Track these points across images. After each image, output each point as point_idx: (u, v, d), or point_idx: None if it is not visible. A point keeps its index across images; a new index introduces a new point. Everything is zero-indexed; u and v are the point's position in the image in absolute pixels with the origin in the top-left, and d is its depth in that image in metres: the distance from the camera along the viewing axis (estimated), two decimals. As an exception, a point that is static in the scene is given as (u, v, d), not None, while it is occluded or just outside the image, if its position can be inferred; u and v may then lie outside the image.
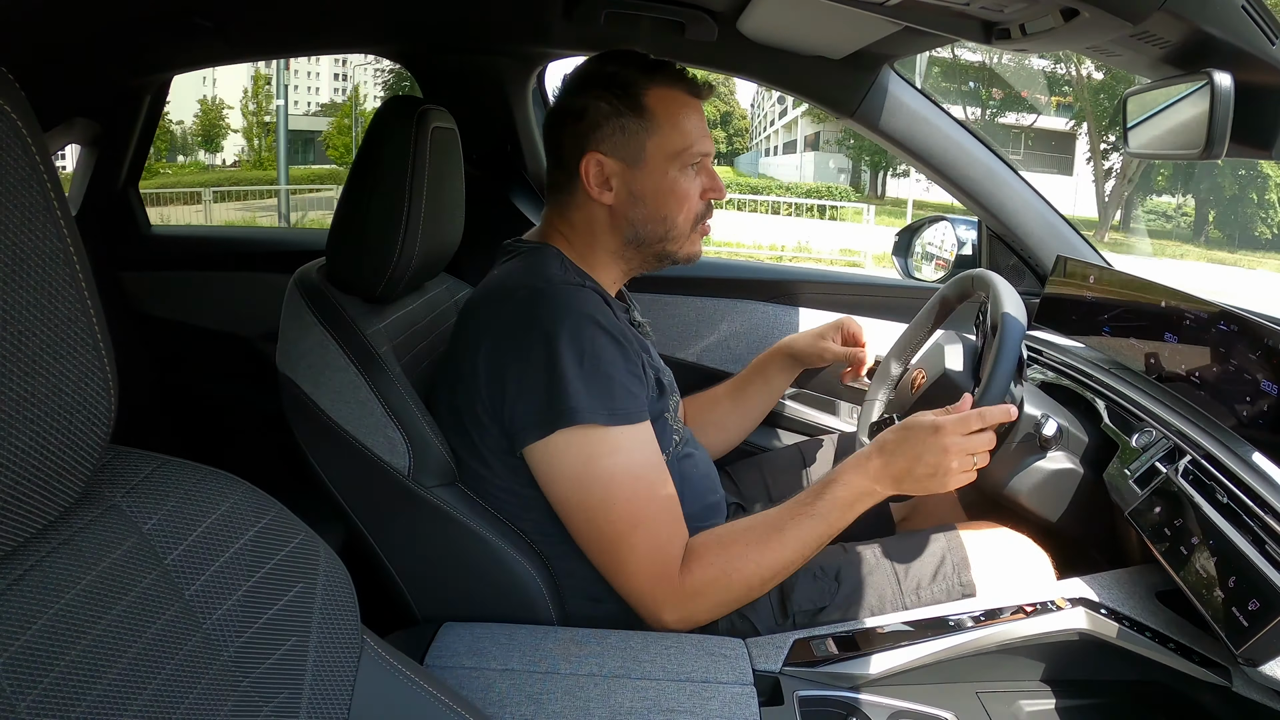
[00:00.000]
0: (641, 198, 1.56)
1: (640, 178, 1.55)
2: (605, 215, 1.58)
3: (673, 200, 1.57)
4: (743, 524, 1.48)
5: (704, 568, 1.42)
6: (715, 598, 1.44)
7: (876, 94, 2.28)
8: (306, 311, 1.52)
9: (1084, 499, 1.71)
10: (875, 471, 1.47)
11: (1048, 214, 2.35)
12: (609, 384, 1.40)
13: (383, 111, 1.60)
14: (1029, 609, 1.48)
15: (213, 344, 2.86)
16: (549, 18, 2.19)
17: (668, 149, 1.55)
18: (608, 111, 1.53)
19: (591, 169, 1.54)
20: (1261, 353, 1.36)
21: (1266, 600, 1.16)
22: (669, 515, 1.45)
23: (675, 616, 1.44)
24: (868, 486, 1.47)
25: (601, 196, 1.55)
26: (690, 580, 1.42)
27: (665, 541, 1.43)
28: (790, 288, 2.69)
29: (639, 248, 1.60)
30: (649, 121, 1.53)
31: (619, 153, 1.54)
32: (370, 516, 1.55)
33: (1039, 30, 1.33)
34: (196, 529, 0.79)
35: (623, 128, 1.53)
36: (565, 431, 1.38)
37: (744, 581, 1.43)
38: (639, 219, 1.57)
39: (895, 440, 1.48)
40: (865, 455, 1.50)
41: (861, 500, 1.47)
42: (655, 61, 1.56)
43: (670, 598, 1.42)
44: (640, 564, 1.42)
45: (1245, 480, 1.33)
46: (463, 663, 1.32)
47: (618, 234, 1.59)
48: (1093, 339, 1.92)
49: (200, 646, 0.77)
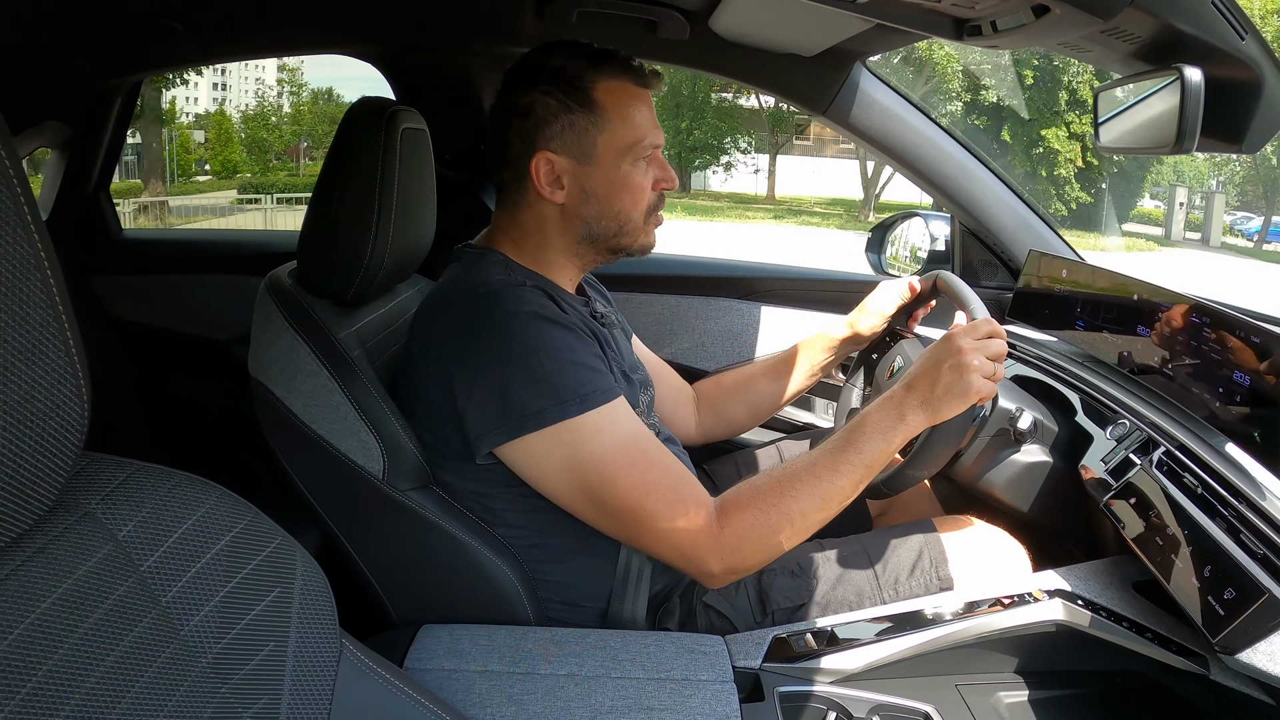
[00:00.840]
0: (594, 194, 1.53)
1: (592, 174, 1.52)
2: (557, 214, 1.56)
3: (626, 195, 1.54)
4: (777, 470, 1.46)
5: (742, 515, 1.39)
6: (758, 543, 1.40)
7: (849, 91, 2.28)
8: (278, 315, 1.51)
9: (1059, 491, 1.72)
10: (901, 400, 1.46)
11: (1020, 209, 2.36)
12: (572, 371, 1.39)
13: (353, 112, 1.58)
14: (1006, 601, 1.49)
15: (186, 348, 2.83)
16: (521, 17, 2.19)
17: (619, 143, 1.52)
18: (556, 108, 1.49)
19: (542, 168, 1.51)
20: (1233, 344, 1.37)
21: (1242, 589, 1.18)
22: (677, 472, 1.43)
23: (721, 567, 1.40)
24: (897, 415, 1.45)
25: (553, 196, 1.53)
26: (730, 530, 1.39)
27: (685, 498, 1.40)
28: (764, 285, 2.70)
29: (592, 244, 1.58)
30: (599, 116, 1.50)
31: (569, 150, 1.51)
32: (346, 520, 1.54)
33: (1010, 27, 1.34)
34: (172, 535, 0.79)
35: (572, 124, 1.50)
36: (538, 434, 1.37)
37: (786, 524, 1.40)
38: (592, 216, 1.55)
39: (913, 369, 1.48)
40: (889, 392, 1.49)
41: (896, 431, 1.44)
42: (602, 52, 1.53)
43: (712, 550, 1.39)
44: (668, 527, 1.39)
45: (1219, 470, 1.35)
46: (442, 665, 1.32)
47: (570, 232, 1.57)
48: (1066, 333, 1.93)
49: (178, 653, 0.77)
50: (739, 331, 2.61)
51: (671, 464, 1.43)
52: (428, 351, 1.45)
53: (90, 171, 2.82)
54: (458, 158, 2.45)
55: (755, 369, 2.08)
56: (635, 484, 1.39)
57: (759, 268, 2.83)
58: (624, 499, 1.39)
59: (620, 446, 1.39)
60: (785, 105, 17.96)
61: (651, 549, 1.44)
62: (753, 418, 2.08)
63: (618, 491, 1.39)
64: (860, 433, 1.45)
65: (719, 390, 2.09)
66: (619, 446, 1.39)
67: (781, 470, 1.45)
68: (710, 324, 2.63)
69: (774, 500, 1.40)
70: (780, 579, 1.61)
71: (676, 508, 1.39)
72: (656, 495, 1.39)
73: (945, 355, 1.45)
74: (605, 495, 1.40)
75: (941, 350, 1.46)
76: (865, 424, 1.46)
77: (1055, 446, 1.74)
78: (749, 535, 1.39)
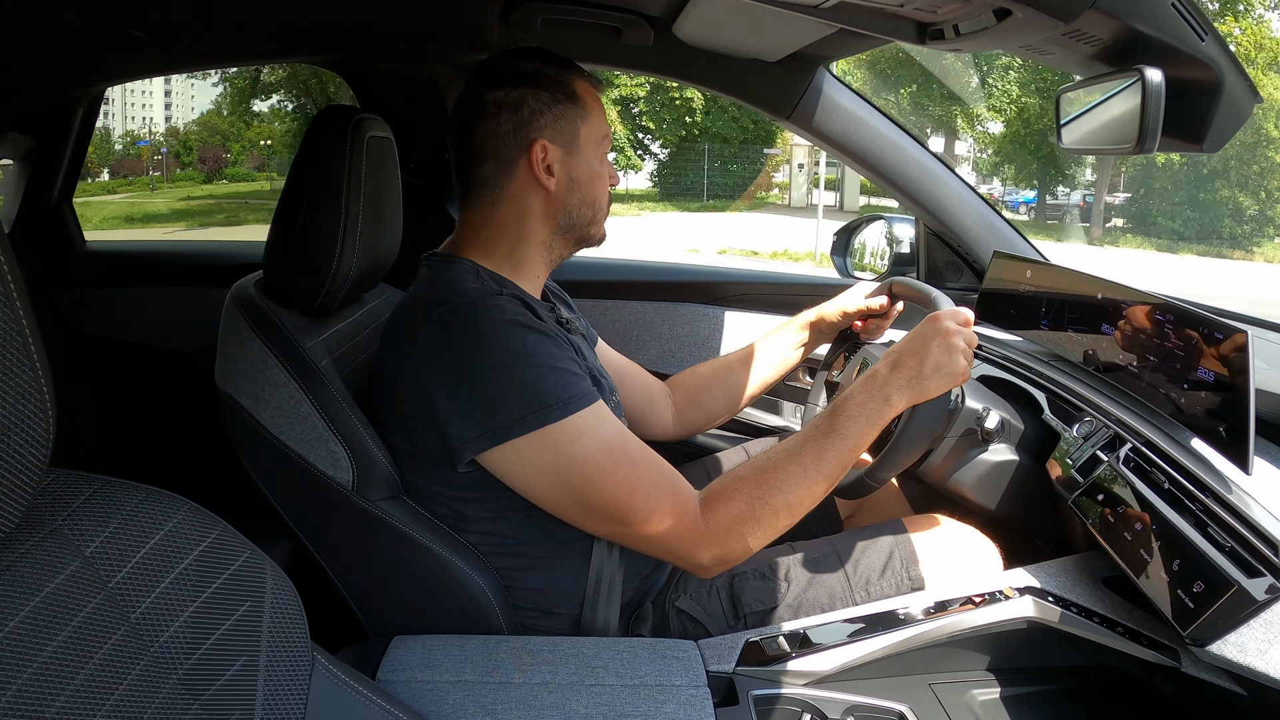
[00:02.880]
0: (578, 182, 1.57)
1: (577, 163, 1.57)
2: (541, 203, 1.57)
3: (599, 184, 1.61)
4: (760, 458, 1.46)
5: (727, 505, 1.40)
6: (746, 532, 1.40)
7: (812, 95, 2.30)
8: (244, 326, 1.50)
9: (1027, 489, 1.74)
10: (886, 380, 1.47)
11: (984, 211, 2.38)
12: (553, 376, 1.39)
13: (318, 121, 1.57)
14: (978, 600, 1.50)
15: (152, 361, 2.81)
16: (486, 24, 2.18)
17: (596, 135, 1.59)
18: (548, 100, 1.53)
19: (537, 155, 1.53)
20: (1197, 341, 1.39)
21: (1210, 582, 1.19)
22: (660, 470, 1.43)
23: (711, 558, 1.40)
24: (881, 396, 1.46)
25: (547, 182, 1.55)
26: (716, 520, 1.39)
27: (669, 493, 1.41)
28: (730, 289, 2.71)
29: (566, 233, 1.61)
30: (582, 108, 1.56)
31: (560, 139, 1.55)
32: (315, 532, 1.53)
33: (972, 30, 1.35)
34: (140, 550, 0.78)
35: (563, 114, 1.54)
36: (522, 439, 1.37)
37: (771, 511, 1.40)
38: (574, 204, 1.58)
39: (898, 348, 1.50)
40: (873, 371, 1.50)
41: (880, 412, 1.46)
42: (563, 56, 1.60)
43: (700, 542, 1.39)
44: (655, 524, 1.39)
45: (1185, 465, 1.37)
46: (415, 676, 1.31)
47: (550, 221, 1.59)
48: (1031, 332, 1.95)
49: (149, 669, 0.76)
50: (706, 337, 2.62)
51: (654, 461, 1.44)
52: (405, 361, 1.44)
53: (52, 183, 2.79)
54: (424, 166, 2.44)
55: (731, 358, 2.09)
56: (620, 484, 1.39)
57: (726, 272, 2.85)
58: (610, 499, 1.39)
59: (603, 448, 1.39)
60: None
61: (640, 546, 1.44)
62: (730, 407, 2.08)
63: (603, 492, 1.39)
64: (843, 415, 1.45)
65: (696, 381, 2.09)
66: (602, 448, 1.39)
67: (765, 459, 1.45)
68: (677, 329, 2.64)
69: (759, 489, 1.41)
70: (752, 582, 1.62)
71: (662, 504, 1.39)
72: (642, 493, 1.39)
73: (933, 334, 1.47)
74: (591, 497, 1.40)
75: (929, 329, 1.48)
76: (848, 406, 1.46)
77: (1023, 445, 1.75)
78: (735, 525, 1.39)
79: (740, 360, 2.07)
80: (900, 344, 1.51)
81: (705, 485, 1.47)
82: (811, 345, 2.06)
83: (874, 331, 2.00)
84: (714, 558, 1.40)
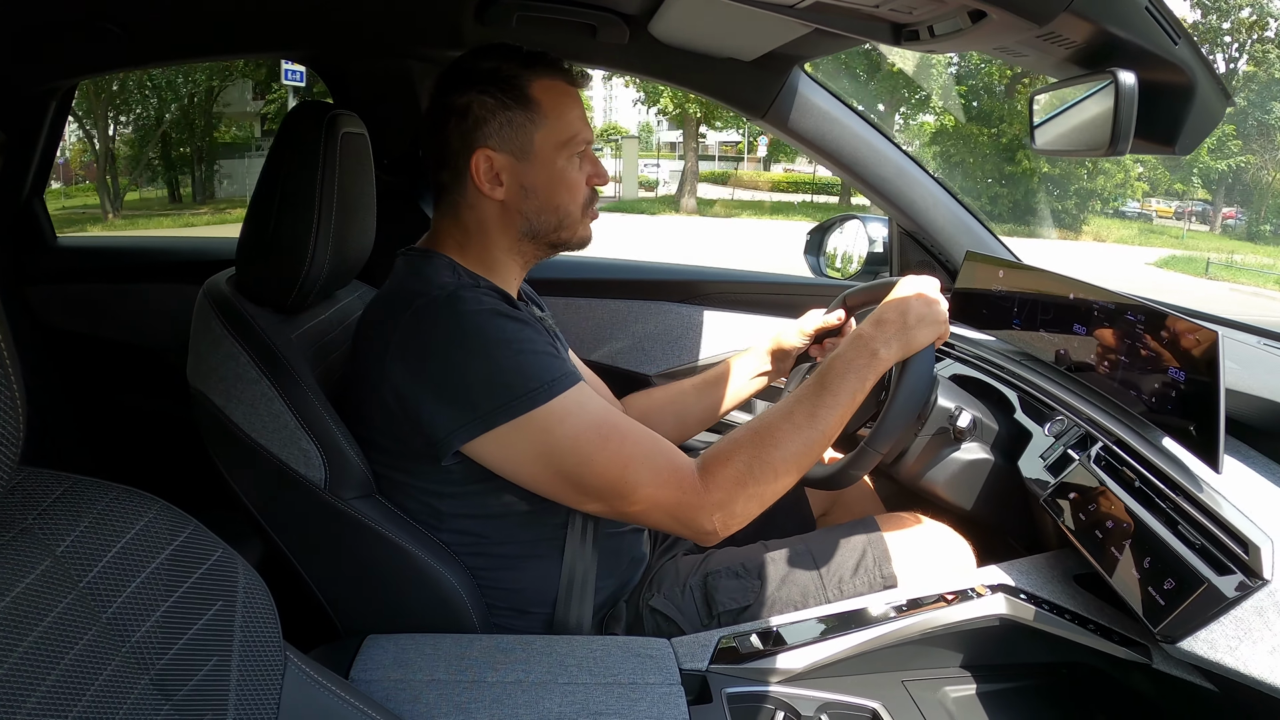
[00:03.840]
0: (533, 190, 1.54)
1: (530, 170, 1.53)
2: (497, 211, 1.56)
3: (564, 189, 1.56)
4: (754, 422, 1.47)
5: (725, 470, 1.40)
6: (747, 493, 1.41)
7: (787, 95, 2.30)
8: (216, 323, 1.49)
9: (999, 488, 1.75)
10: (872, 336, 1.50)
11: (957, 211, 2.40)
12: (535, 360, 1.39)
13: (292, 116, 1.56)
14: (950, 597, 1.51)
15: (123, 358, 2.78)
16: (461, 21, 2.17)
17: (555, 139, 1.53)
18: (493, 106, 1.50)
19: (481, 165, 1.51)
20: (1167, 341, 1.40)
21: (1181, 579, 1.21)
22: (650, 441, 1.43)
23: (714, 524, 1.40)
24: (869, 352, 1.49)
25: (493, 193, 1.53)
26: (715, 486, 1.39)
27: (664, 463, 1.41)
28: (702, 288, 2.71)
29: (534, 239, 1.59)
30: (536, 113, 1.52)
31: (507, 146, 1.51)
32: (288, 531, 1.52)
33: (947, 32, 1.35)
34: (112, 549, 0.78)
35: (510, 121, 1.51)
36: (509, 425, 1.37)
37: (770, 469, 1.41)
38: (532, 211, 1.55)
39: (878, 310, 1.54)
40: (858, 331, 1.53)
41: (869, 367, 1.48)
42: (532, 53, 1.55)
43: (702, 508, 1.39)
44: (653, 494, 1.39)
45: (1156, 464, 1.38)
46: (389, 675, 1.31)
47: (511, 229, 1.57)
48: (1003, 332, 1.96)
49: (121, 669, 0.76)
50: (679, 335, 2.62)
51: (643, 434, 1.43)
52: (383, 356, 1.43)
53: (24, 178, 2.75)
54: (397, 162, 2.43)
55: (686, 385, 2.08)
56: (612, 459, 1.39)
57: (700, 271, 2.84)
58: (603, 475, 1.39)
59: (591, 424, 1.39)
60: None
61: (642, 519, 1.44)
62: (680, 434, 2.06)
63: (596, 469, 1.39)
64: (832, 374, 1.47)
65: (648, 403, 2.08)
66: (590, 425, 1.39)
67: (759, 422, 1.46)
68: (650, 327, 2.64)
69: (755, 451, 1.41)
70: (725, 581, 1.62)
71: (658, 475, 1.39)
72: (635, 465, 1.39)
73: (911, 290, 1.53)
74: (584, 475, 1.39)
75: (906, 286, 1.54)
76: (835, 365, 1.48)
77: (995, 444, 1.76)
78: (736, 489, 1.40)
79: (694, 388, 2.06)
80: (880, 306, 1.54)
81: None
82: (774, 374, 2.05)
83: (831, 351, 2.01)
84: (719, 522, 1.40)
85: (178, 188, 27.38)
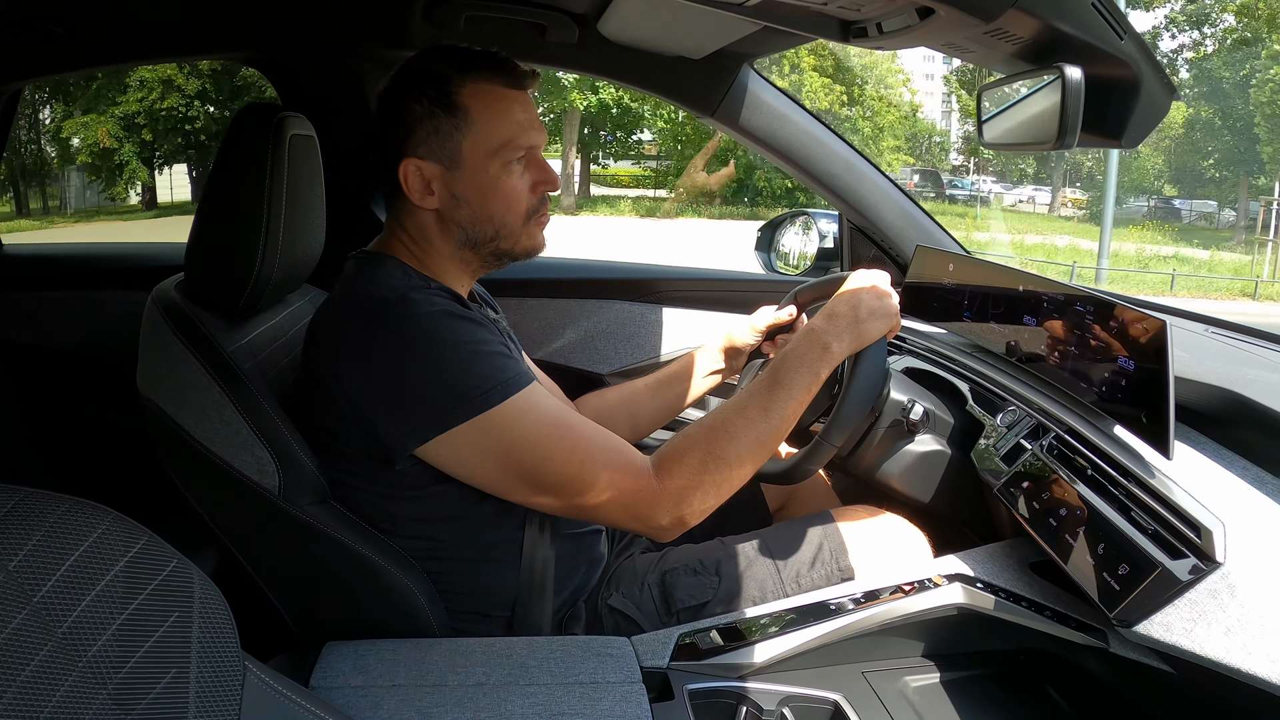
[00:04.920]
0: (465, 199, 1.51)
1: (460, 179, 1.50)
2: (434, 220, 1.53)
3: (497, 200, 1.52)
4: (708, 418, 1.47)
5: (680, 466, 1.41)
6: (702, 488, 1.41)
7: (737, 92, 2.31)
8: (166, 330, 1.47)
9: (954, 479, 1.77)
10: (824, 329, 1.50)
11: (907, 206, 2.42)
12: (488, 361, 1.39)
13: (238, 119, 1.53)
14: (907, 588, 1.52)
15: (72, 367, 2.72)
16: (409, 21, 2.16)
17: (485, 146, 1.49)
18: (421, 114, 1.47)
19: (410, 175, 1.49)
20: (1116, 331, 1.42)
21: (1135, 564, 1.23)
22: (605, 438, 1.43)
23: (670, 519, 1.41)
24: (821, 345, 1.49)
25: (425, 202, 1.51)
26: (670, 482, 1.40)
27: (619, 459, 1.41)
28: (653, 286, 2.71)
29: (474, 249, 1.56)
30: (463, 120, 1.47)
31: (436, 156, 1.49)
32: (242, 538, 1.50)
33: (895, 29, 1.36)
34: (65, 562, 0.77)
35: (437, 129, 1.48)
36: (464, 426, 1.36)
37: (724, 465, 1.42)
38: (466, 221, 1.52)
39: (830, 304, 1.54)
40: (809, 325, 1.53)
41: (821, 360, 1.48)
42: (473, 54, 1.50)
43: (657, 504, 1.40)
44: (608, 492, 1.40)
45: (1107, 452, 1.40)
46: (349, 682, 1.30)
47: (449, 238, 1.54)
48: (954, 325, 1.98)
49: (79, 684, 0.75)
50: (631, 333, 2.63)
51: (597, 431, 1.44)
52: (335, 360, 1.42)
53: None
54: (347, 164, 2.42)
55: (639, 384, 2.08)
56: (568, 457, 1.39)
57: (650, 269, 2.85)
58: (559, 472, 1.39)
59: (545, 424, 1.40)
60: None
61: (597, 516, 1.44)
62: (635, 434, 2.06)
63: (553, 467, 1.39)
64: (785, 368, 1.48)
65: (602, 404, 2.08)
66: (544, 424, 1.39)
67: (712, 418, 1.46)
68: (602, 325, 2.63)
69: (710, 446, 1.42)
70: (683, 578, 1.63)
71: (614, 471, 1.40)
72: (591, 462, 1.39)
73: (862, 284, 1.54)
74: (541, 473, 1.39)
75: (857, 281, 1.55)
76: (788, 359, 1.48)
77: (949, 435, 1.78)
78: (690, 484, 1.40)
79: (647, 388, 2.06)
80: (831, 301, 1.54)
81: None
82: (727, 371, 2.05)
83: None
84: (673, 518, 1.41)
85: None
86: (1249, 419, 1.36)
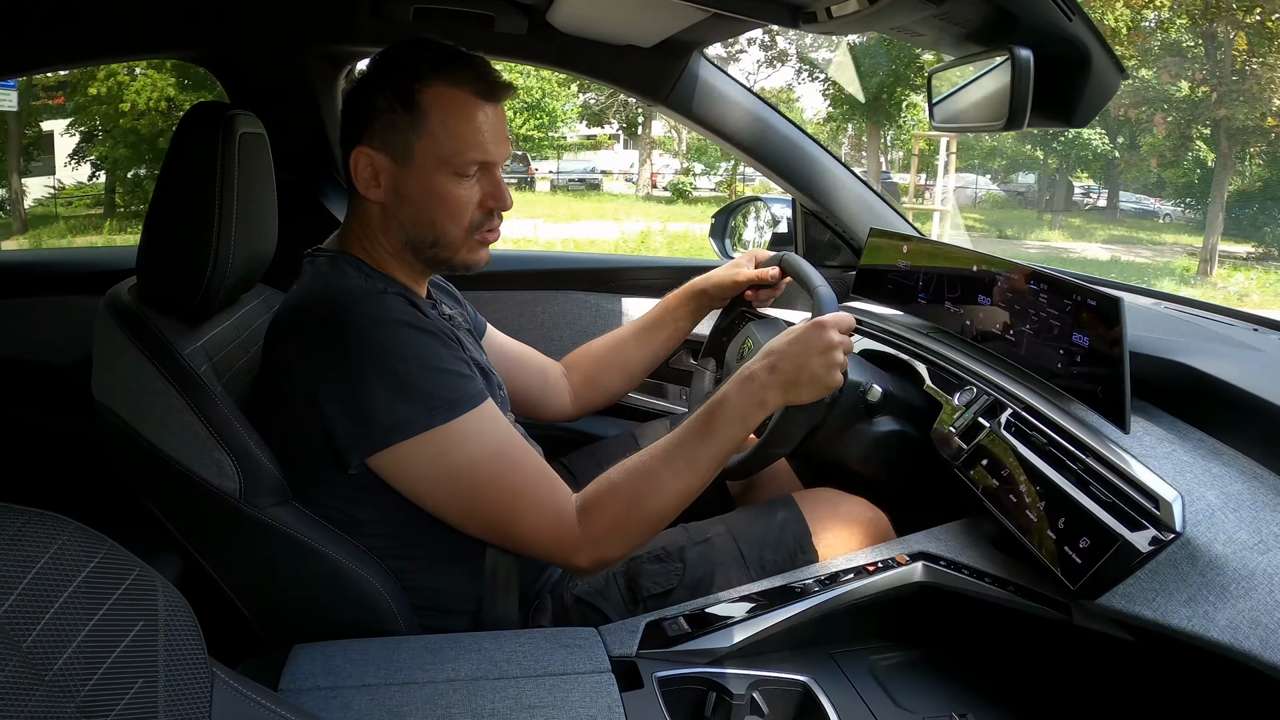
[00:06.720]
0: (409, 198, 1.51)
1: (407, 177, 1.49)
2: (378, 213, 1.53)
3: (441, 207, 1.51)
4: (633, 462, 1.47)
5: (602, 515, 1.42)
6: (620, 536, 1.44)
7: (687, 80, 2.32)
8: (120, 334, 1.45)
9: (913, 458, 1.78)
10: (764, 383, 1.48)
11: (860, 190, 2.44)
12: (439, 378, 1.39)
13: (187, 119, 1.51)
14: (871, 568, 1.54)
15: (23, 376, 2.68)
16: (357, 15, 2.15)
17: (437, 152, 1.48)
18: (382, 106, 1.46)
19: (360, 162, 1.48)
20: (1070, 308, 1.44)
21: (1096, 537, 1.24)
22: (542, 476, 1.45)
23: (588, 561, 1.44)
24: (757, 398, 1.48)
25: (370, 193, 1.50)
26: (591, 529, 1.42)
27: (549, 501, 1.43)
28: (609, 275, 2.72)
29: (414, 252, 1.55)
30: (419, 120, 1.46)
31: (388, 148, 1.48)
32: (205, 543, 1.49)
33: (844, 14, 1.37)
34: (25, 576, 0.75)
35: (394, 124, 1.46)
36: (408, 442, 1.37)
37: (645, 517, 1.44)
38: (407, 220, 1.51)
39: (780, 348, 1.50)
40: (749, 370, 1.50)
41: (754, 415, 1.48)
42: (450, 55, 1.49)
43: (576, 548, 1.42)
44: (533, 531, 1.42)
45: (1065, 427, 1.42)
46: (318, 684, 1.29)
47: (391, 234, 1.53)
48: (910, 306, 1.99)
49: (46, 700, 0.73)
50: (588, 323, 2.63)
51: (535, 466, 1.46)
52: (291, 364, 1.41)
53: None
54: (297, 161, 2.40)
55: (623, 333, 2.10)
56: (502, 491, 1.41)
57: (606, 259, 2.85)
58: (491, 505, 1.41)
59: (487, 454, 1.41)
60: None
61: (516, 549, 1.48)
62: (628, 383, 2.11)
63: (486, 498, 1.41)
64: (719, 419, 1.48)
65: (591, 360, 2.10)
66: (486, 454, 1.41)
67: (638, 464, 1.47)
68: (559, 317, 2.64)
69: (633, 494, 1.44)
70: (648, 566, 1.63)
71: (541, 512, 1.42)
72: (522, 501, 1.42)
73: (818, 343, 1.48)
74: (474, 502, 1.41)
75: (814, 337, 1.49)
76: (724, 409, 1.48)
77: (907, 416, 1.79)
78: (610, 532, 1.43)
79: (633, 335, 2.08)
80: (781, 344, 1.51)
81: (593, 475, 1.48)
82: (701, 312, 2.08)
83: (764, 301, 2.04)
84: (591, 561, 1.45)
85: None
86: (1203, 391, 1.38)
